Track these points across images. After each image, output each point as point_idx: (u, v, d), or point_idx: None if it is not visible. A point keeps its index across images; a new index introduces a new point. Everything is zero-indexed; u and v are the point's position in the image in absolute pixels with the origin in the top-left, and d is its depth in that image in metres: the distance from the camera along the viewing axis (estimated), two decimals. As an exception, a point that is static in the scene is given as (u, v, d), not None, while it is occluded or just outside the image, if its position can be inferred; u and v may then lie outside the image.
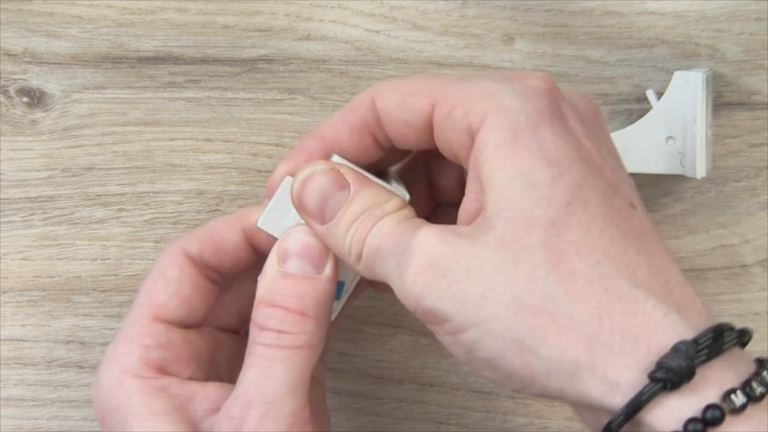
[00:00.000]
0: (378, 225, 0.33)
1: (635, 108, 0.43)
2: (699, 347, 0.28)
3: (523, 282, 0.30)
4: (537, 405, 0.45)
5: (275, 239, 0.36)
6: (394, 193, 0.35)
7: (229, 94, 0.44)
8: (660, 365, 0.28)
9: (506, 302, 0.30)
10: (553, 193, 0.30)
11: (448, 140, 0.33)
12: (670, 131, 0.41)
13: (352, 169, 0.35)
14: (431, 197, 0.40)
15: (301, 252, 0.35)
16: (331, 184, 0.35)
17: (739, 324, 0.40)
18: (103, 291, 0.45)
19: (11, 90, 0.44)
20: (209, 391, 0.36)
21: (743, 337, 0.30)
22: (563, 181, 0.31)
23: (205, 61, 0.44)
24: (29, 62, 0.44)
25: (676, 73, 0.41)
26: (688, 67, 0.43)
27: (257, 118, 0.44)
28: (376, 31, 0.44)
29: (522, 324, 0.29)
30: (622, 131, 0.41)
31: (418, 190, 0.38)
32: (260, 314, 0.35)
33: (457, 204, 0.36)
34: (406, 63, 0.44)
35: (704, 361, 0.28)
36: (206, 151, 0.44)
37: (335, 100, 0.44)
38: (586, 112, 0.34)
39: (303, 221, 0.36)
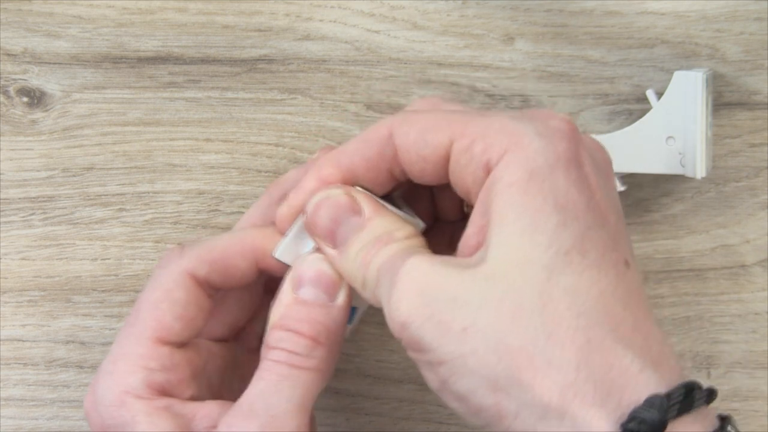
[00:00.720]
0: (383, 251, 0.33)
1: (635, 108, 0.43)
2: (671, 402, 0.29)
3: (508, 321, 0.30)
4: (537, 405, 0.45)
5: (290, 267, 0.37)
6: (408, 222, 0.35)
7: (229, 94, 0.44)
8: (633, 416, 0.28)
9: (487, 338, 0.30)
10: (554, 239, 0.30)
11: (462, 175, 0.33)
12: (670, 131, 0.40)
13: (369, 195, 0.35)
14: (431, 214, 0.40)
15: (315, 279, 0.35)
16: (345, 208, 0.35)
17: (738, 324, 0.40)
18: (103, 291, 0.45)
19: (11, 90, 0.44)
20: (208, 409, 0.36)
21: (710, 396, 0.30)
22: (566, 229, 0.31)
23: (205, 61, 0.44)
24: (29, 62, 0.44)
25: (676, 73, 0.41)
26: (688, 67, 0.43)
27: (257, 118, 0.44)
28: (376, 31, 0.44)
29: (499, 363, 0.29)
30: (622, 131, 0.41)
31: (419, 208, 0.38)
32: (273, 337, 0.35)
33: (456, 222, 0.37)
34: (406, 63, 0.44)
35: (675, 416, 0.29)
36: (206, 151, 0.44)
37: (335, 100, 0.44)
38: (600, 161, 0.34)
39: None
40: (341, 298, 0.35)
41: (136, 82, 0.44)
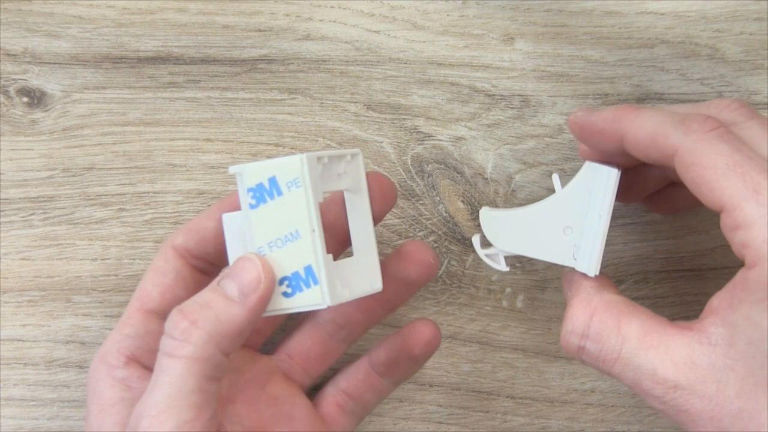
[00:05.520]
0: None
1: (635, 108, 0.43)
2: None
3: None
4: (537, 405, 0.45)
5: None
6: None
7: (229, 94, 0.44)
8: None
9: None
10: None
11: (728, 238, 0.34)
12: (568, 221, 0.38)
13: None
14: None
15: (235, 274, 0.35)
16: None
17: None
18: (103, 291, 0.45)
19: (11, 90, 0.44)
20: None
21: None
22: None
23: (205, 61, 0.44)
24: (29, 62, 0.44)
25: (587, 164, 0.38)
26: (688, 67, 0.43)
27: (257, 118, 0.44)
28: (376, 31, 0.44)
29: None
30: (521, 210, 0.39)
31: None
32: (168, 318, 0.35)
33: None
34: (406, 63, 0.44)
35: None
36: (206, 151, 0.44)
37: (335, 100, 0.44)
38: None
39: (256, 247, 0.36)
40: (250, 301, 0.35)
41: (136, 82, 0.44)
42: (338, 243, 0.40)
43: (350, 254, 0.39)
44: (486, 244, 0.40)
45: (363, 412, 0.43)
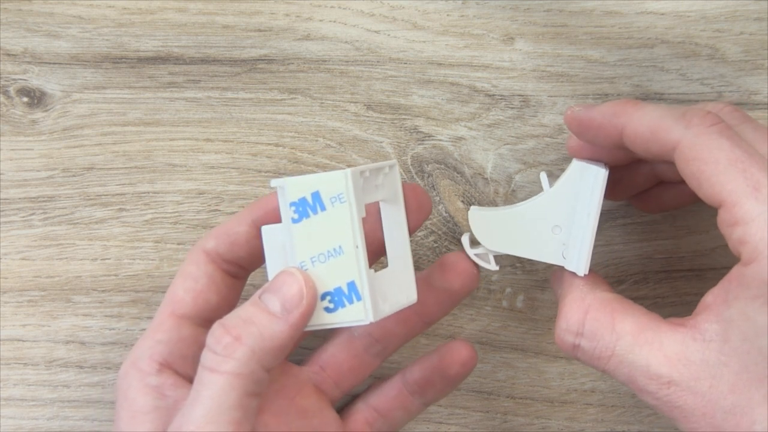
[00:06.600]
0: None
1: (635, 108, 0.43)
2: None
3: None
4: (537, 405, 0.45)
5: None
6: None
7: (229, 94, 0.44)
8: None
9: None
10: None
11: (724, 233, 0.34)
12: (557, 220, 0.38)
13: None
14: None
15: (277, 288, 0.35)
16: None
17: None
18: (103, 291, 0.45)
19: (11, 90, 0.44)
20: None
21: None
22: None
23: (205, 61, 0.44)
24: (29, 62, 0.44)
25: (575, 162, 0.38)
26: (688, 67, 0.43)
27: (257, 118, 0.44)
28: (376, 31, 0.44)
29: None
30: (509, 209, 0.39)
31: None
32: (210, 332, 0.35)
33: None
34: (406, 63, 0.44)
35: None
36: (206, 151, 0.44)
37: (335, 100, 0.44)
38: None
39: (297, 261, 0.35)
40: (293, 317, 0.34)
41: (136, 82, 0.44)
42: (371, 253, 0.39)
43: (379, 263, 0.39)
44: (475, 243, 0.40)
45: (390, 430, 0.43)
